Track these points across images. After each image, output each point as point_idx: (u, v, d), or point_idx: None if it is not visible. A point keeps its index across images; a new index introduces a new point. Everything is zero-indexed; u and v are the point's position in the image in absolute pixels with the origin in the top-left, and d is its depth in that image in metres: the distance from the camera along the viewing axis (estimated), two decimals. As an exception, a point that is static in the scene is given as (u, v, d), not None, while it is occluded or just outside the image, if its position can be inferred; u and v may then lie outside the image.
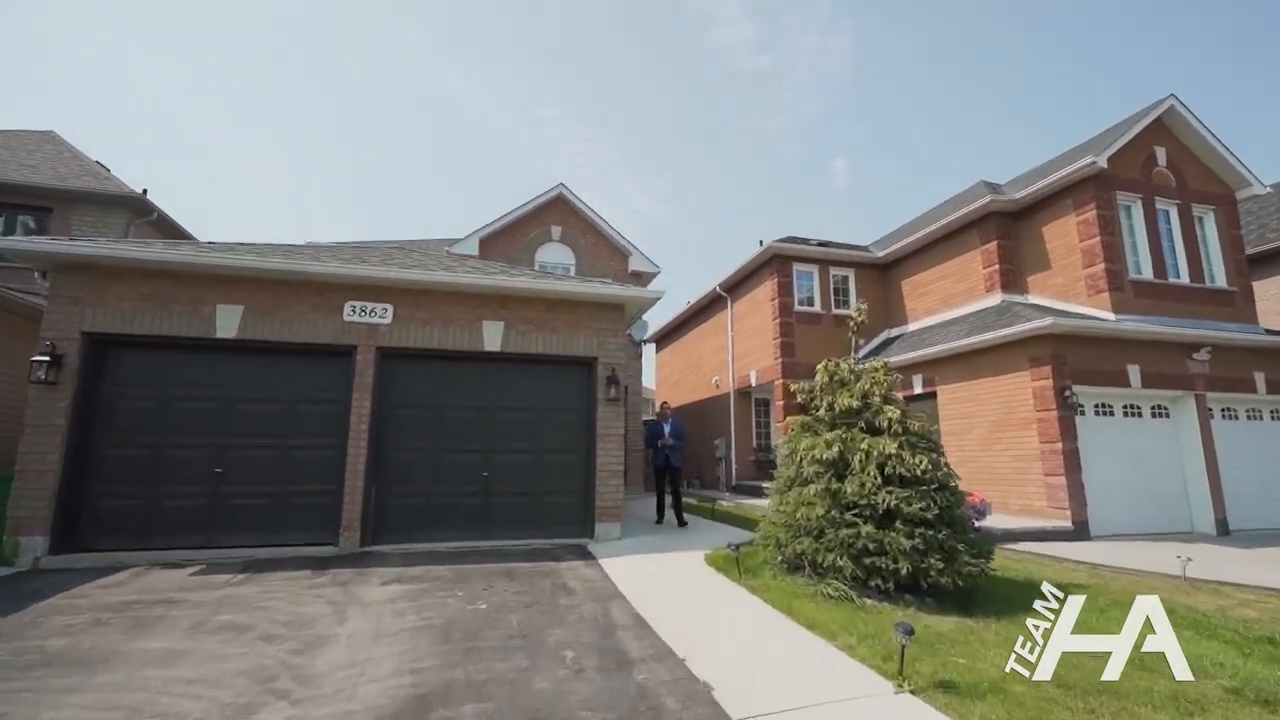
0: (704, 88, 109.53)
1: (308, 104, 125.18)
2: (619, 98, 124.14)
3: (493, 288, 7.31)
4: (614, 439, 7.57)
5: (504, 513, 7.32)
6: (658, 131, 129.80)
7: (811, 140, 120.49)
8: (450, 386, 7.39)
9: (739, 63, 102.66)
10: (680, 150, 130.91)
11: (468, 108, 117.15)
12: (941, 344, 10.75)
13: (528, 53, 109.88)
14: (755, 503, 12.33)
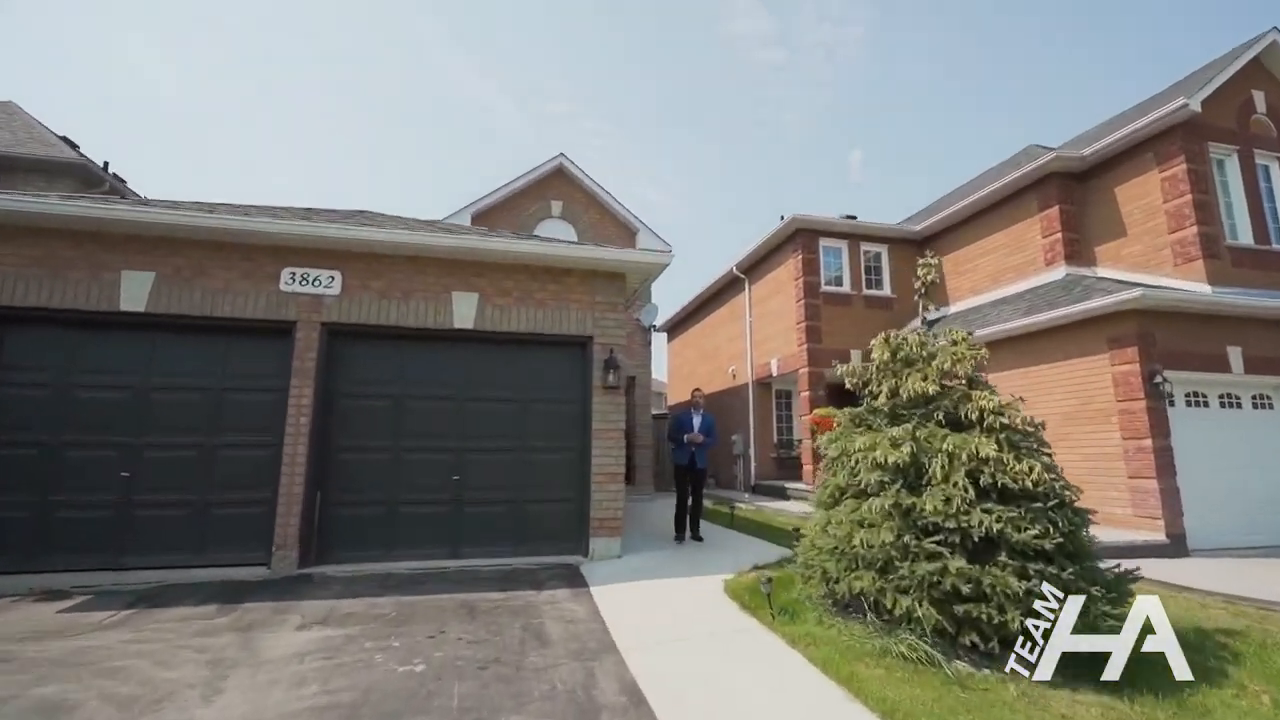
0: (718, 81, 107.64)
1: (309, 99, 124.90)
2: (631, 93, 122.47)
3: (463, 251, 5.99)
4: (613, 435, 6.24)
5: (479, 525, 6.03)
6: (670, 126, 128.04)
7: (827, 132, 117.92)
8: (414, 372, 6.10)
9: (754, 55, 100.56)
10: (693, 144, 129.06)
11: (473, 101, 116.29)
12: (996, 325, 9.26)
13: (538, 46, 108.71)
14: (779, 506, 10.94)
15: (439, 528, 5.94)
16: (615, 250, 6.34)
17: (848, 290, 12.46)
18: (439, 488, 5.97)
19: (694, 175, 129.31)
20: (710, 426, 7.11)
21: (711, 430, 7.11)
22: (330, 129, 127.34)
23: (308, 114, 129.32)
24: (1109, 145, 9.17)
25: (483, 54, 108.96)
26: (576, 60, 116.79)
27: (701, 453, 6.97)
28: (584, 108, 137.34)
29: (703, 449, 6.99)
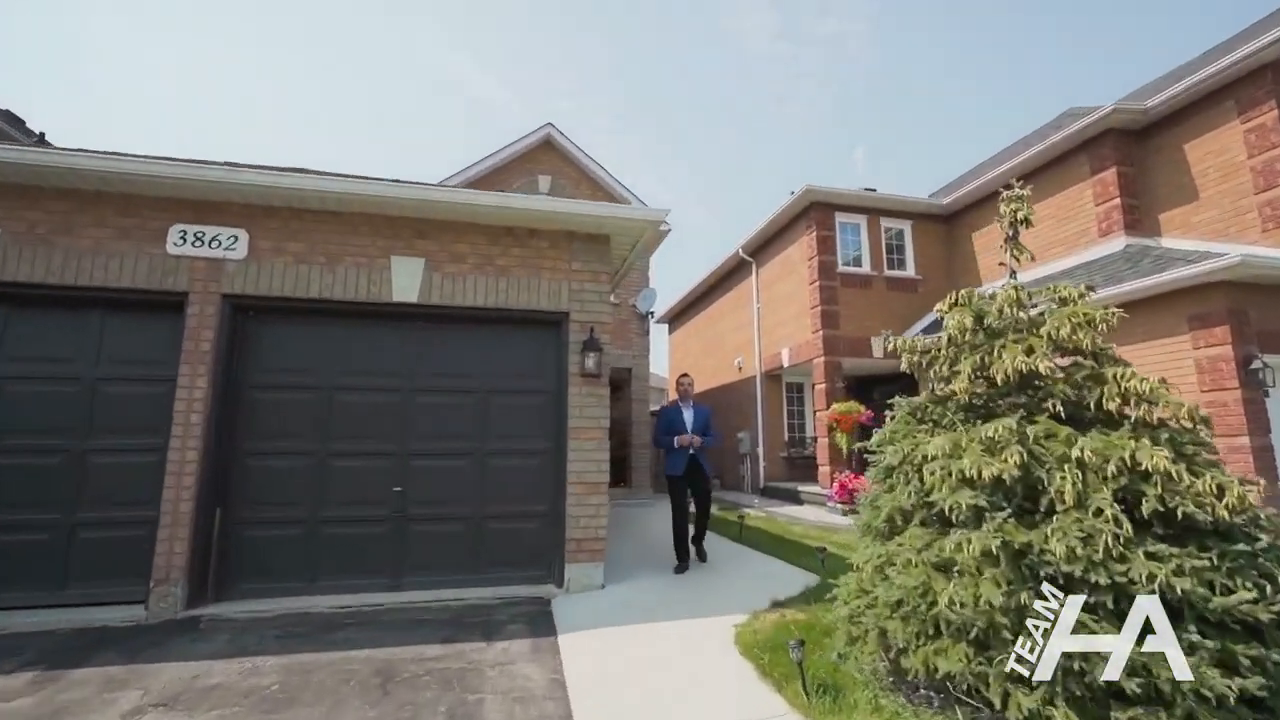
0: (722, 76, 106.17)
1: (307, 97, 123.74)
2: (635, 90, 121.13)
3: (403, 204, 4.75)
4: (594, 433, 5.01)
5: (427, 548, 4.82)
6: (675, 121, 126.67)
7: (830, 127, 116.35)
8: (346, 357, 4.89)
9: (757, 49, 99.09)
10: (697, 139, 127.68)
11: (478, 98, 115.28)
12: (1045, 305, 7.97)
13: (542, 40, 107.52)
14: (792, 513, 9.70)
15: (376, 551, 4.73)
16: (594, 205, 5.10)
17: (867, 271, 11.18)
18: (377, 501, 4.76)
19: (699, 173, 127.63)
20: (706, 422, 5.60)
21: (708, 425, 5.60)
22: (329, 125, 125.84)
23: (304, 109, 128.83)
24: (1177, 95, 7.87)
25: (481, 48, 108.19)
26: (578, 55, 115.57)
27: (702, 457, 5.54)
28: (587, 103, 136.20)
29: (702, 452, 5.54)
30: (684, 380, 5.83)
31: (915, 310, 11.22)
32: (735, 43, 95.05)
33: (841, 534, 7.93)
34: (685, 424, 5.52)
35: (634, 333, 12.26)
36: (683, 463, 5.43)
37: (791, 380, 13.33)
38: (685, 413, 5.60)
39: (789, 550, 6.66)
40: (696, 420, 5.58)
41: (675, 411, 5.65)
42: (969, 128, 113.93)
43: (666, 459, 5.58)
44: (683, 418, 5.56)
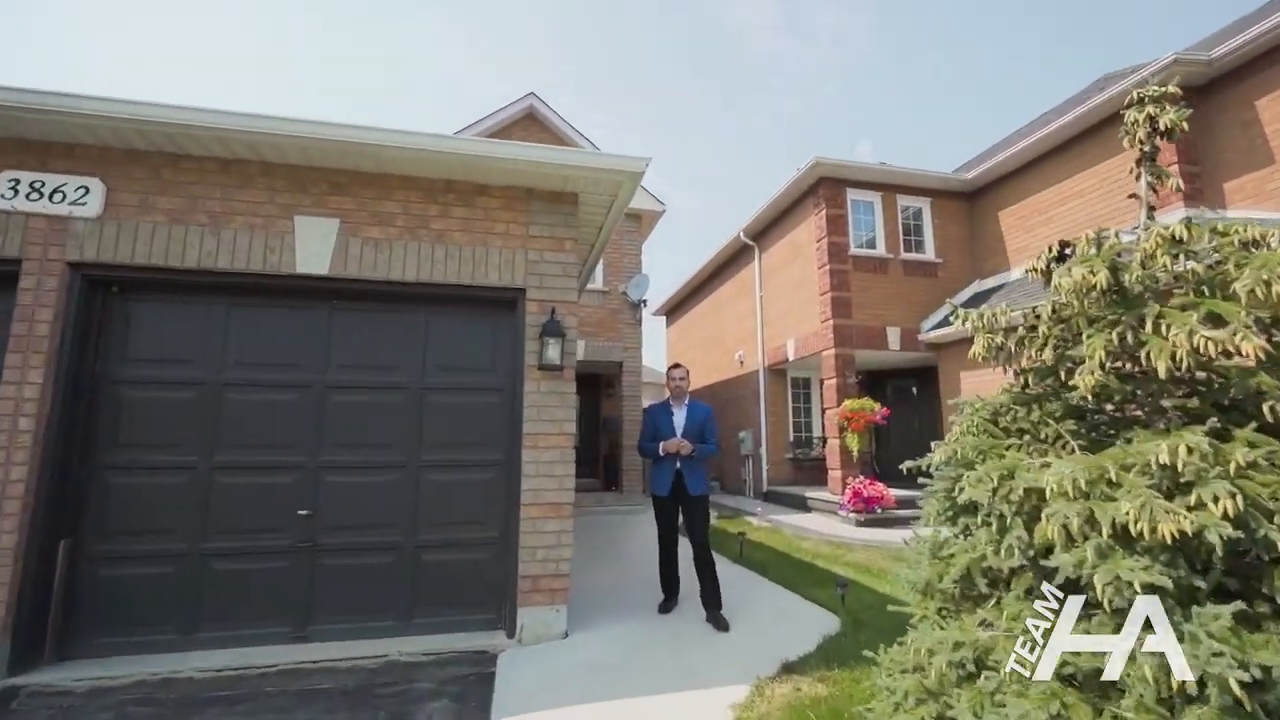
0: (723, 70, 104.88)
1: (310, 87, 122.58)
2: (634, 82, 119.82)
3: (313, 144, 3.66)
4: (556, 442, 3.98)
5: (342, 586, 3.79)
6: (673, 116, 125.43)
7: (834, 121, 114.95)
8: (238, 344, 3.85)
9: (759, 44, 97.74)
10: (698, 135, 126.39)
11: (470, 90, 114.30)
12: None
13: (539, 34, 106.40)
14: (800, 523, 8.66)
15: (277, 592, 3.70)
16: (557, 150, 4.01)
17: (882, 253, 10.11)
18: (278, 528, 3.74)
19: (698, 166, 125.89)
20: (703, 424, 4.31)
21: (706, 429, 4.30)
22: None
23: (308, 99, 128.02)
24: (1251, 41, 6.78)
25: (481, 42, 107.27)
26: (576, 49, 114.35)
27: (695, 472, 4.21)
28: (586, 99, 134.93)
29: (695, 465, 4.24)
30: (676, 373, 4.46)
31: (935, 296, 10.15)
32: (737, 39, 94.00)
33: (858, 551, 6.90)
34: (674, 427, 4.33)
35: (625, 323, 11.21)
36: (667, 478, 4.21)
37: (798, 375, 12.28)
38: (675, 413, 4.37)
39: (799, 575, 5.63)
40: (690, 422, 4.31)
41: (662, 412, 4.41)
42: (979, 124, 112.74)
43: (651, 471, 4.42)
44: (671, 420, 4.36)
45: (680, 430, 4.30)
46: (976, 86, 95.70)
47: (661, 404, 4.46)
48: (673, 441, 4.20)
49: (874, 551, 6.82)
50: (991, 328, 2.33)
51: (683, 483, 4.19)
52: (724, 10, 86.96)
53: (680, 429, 4.30)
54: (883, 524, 8.50)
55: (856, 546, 7.12)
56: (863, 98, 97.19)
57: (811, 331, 10.31)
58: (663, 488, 4.23)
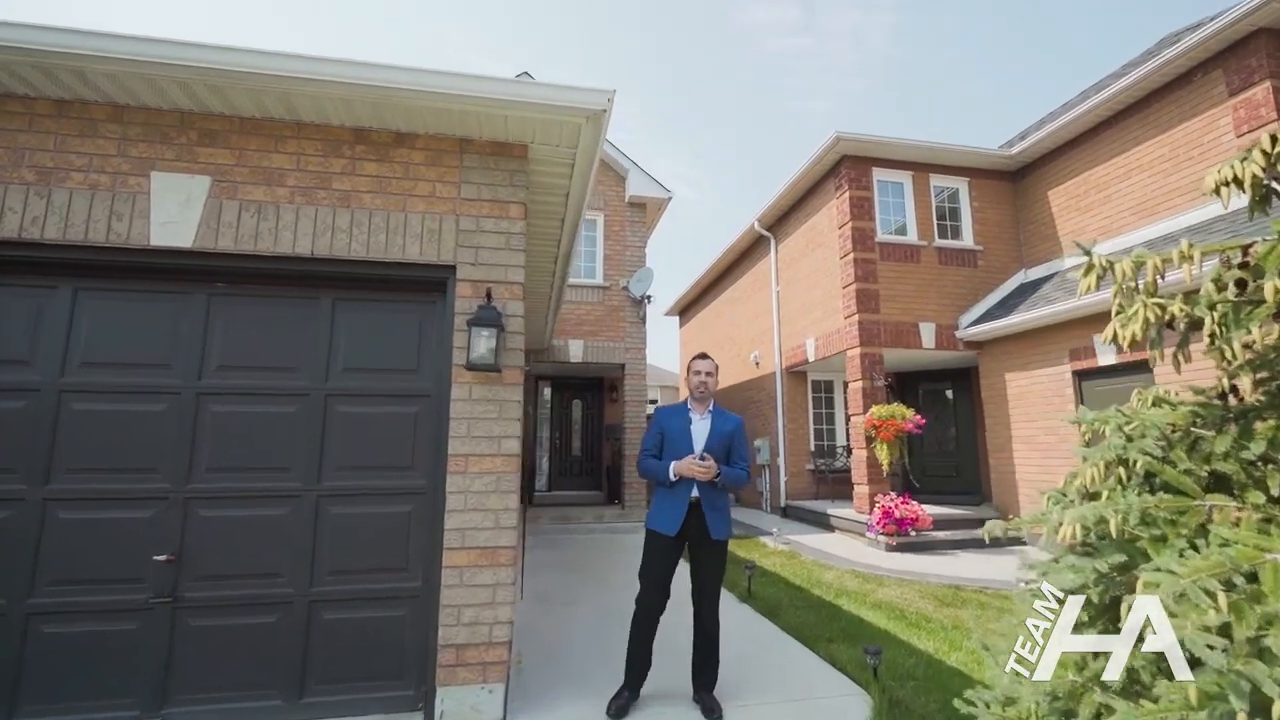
0: (740, 70, 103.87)
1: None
2: (650, 82, 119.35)
3: (169, 71, 2.77)
4: (491, 465, 3.04)
5: (212, 654, 2.90)
6: (690, 116, 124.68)
7: (858, 120, 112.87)
8: (82, 339, 2.99)
9: (777, 44, 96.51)
10: (715, 135, 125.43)
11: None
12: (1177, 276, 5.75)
13: (555, 38, 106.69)
14: (821, 545, 7.58)
15: (124, 662, 2.83)
16: (493, 82, 3.07)
17: (914, 240, 9.00)
18: (130, 576, 2.87)
19: (719, 171, 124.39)
20: (731, 439, 3.19)
21: (735, 447, 3.19)
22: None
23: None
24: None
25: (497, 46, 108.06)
26: (593, 51, 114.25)
27: (718, 506, 3.10)
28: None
29: (719, 496, 3.13)
30: (700, 365, 3.27)
31: (974, 288, 9.02)
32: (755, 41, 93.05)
33: (889, 586, 5.83)
34: (692, 440, 3.14)
35: (627, 321, 10.28)
36: (678, 511, 3.04)
37: (819, 377, 11.21)
38: (695, 421, 3.22)
39: (820, 622, 4.61)
40: (715, 436, 3.14)
41: (676, 417, 3.25)
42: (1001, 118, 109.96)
43: (654, 500, 3.24)
44: (689, 429, 3.19)
45: (701, 445, 3.10)
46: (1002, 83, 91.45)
47: (676, 407, 3.34)
48: (689, 462, 2.99)
49: (909, 587, 5.75)
50: (1153, 290, 1.29)
51: (702, 521, 3.05)
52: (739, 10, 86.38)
53: (701, 443, 3.12)
54: (917, 549, 7.40)
55: (888, 580, 6.05)
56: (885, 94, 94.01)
57: (834, 329, 9.24)
58: (668, 523, 3.06)
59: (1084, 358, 7.14)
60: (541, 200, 4.02)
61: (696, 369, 3.27)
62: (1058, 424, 7.50)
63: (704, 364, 3.29)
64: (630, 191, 10.54)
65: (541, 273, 5.61)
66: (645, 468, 3.21)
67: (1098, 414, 1.42)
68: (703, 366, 3.27)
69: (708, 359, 3.33)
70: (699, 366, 3.27)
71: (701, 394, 3.25)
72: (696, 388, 3.24)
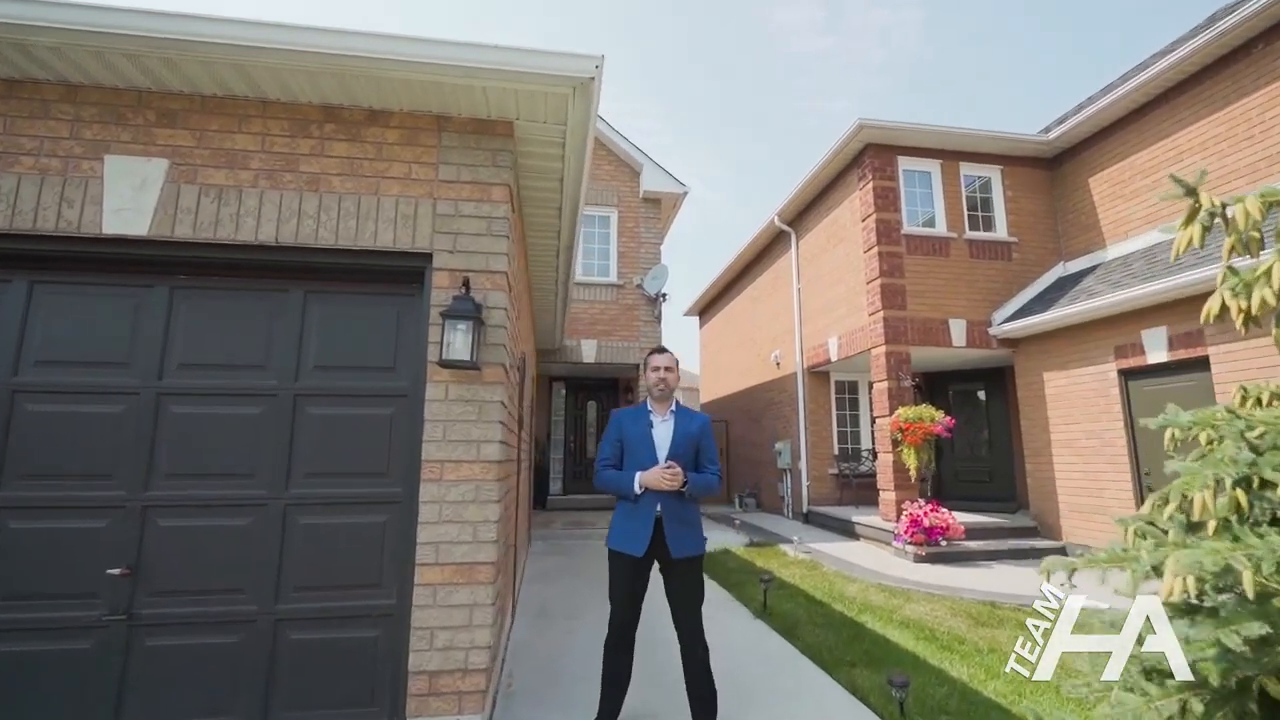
0: (765, 71, 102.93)
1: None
2: (679, 90, 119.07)
3: (107, 40, 2.55)
4: (469, 472, 2.77)
5: (170, 677, 2.67)
6: (720, 123, 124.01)
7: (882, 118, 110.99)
8: (37, 336, 2.80)
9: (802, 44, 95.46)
10: (737, 135, 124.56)
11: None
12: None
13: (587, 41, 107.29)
14: (844, 554, 7.17)
15: (75, 685, 2.61)
16: (461, 47, 2.78)
17: (943, 232, 8.53)
18: (83, 591, 2.65)
19: (748, 173, 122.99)
20: (698, 441, 2.90)
21: (703, 450, 2.90)
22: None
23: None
24: None
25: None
26: (623, 58, 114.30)
27: (685, 519, 2.78)
28: (636, 106, 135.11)
29: (686, 508, 2.80)
30: (658, 361, 2.97)
31: (1008, 282, 8.50)
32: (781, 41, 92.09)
33: (918, 601, 5.41)
34: (655, 446, 2.88)
35: (642, 320, 9.98)
36: (645, 526, 2.72)
37: (843, 378, 10.75)
38: (657, 424, 2.92)
39: (842, 643, 4.23)
40: (680, 439, 2.85)
41: (635, 420, 2.94)
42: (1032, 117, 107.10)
43: (615, 516, 2.91)
44: (649, 434, 2.90)
45: (665, 451, 2.84)
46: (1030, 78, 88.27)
47: (636, 409, 3.03)
48: (656, 473, 2.70)
49: (940, 603, 5.33)
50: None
51: (663, 536, 2.73)
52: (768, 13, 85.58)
53: (665, 449, 2.84)
54: (948, 559, 6.94)
55: (916, 594, 5.62)
56: (910, 92, 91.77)
57: (857, 327, 8.81)
58: (634, 541, 2.73)
59: (1131, 355, 6.61)
60: (536, 187, 3.75)
61: (655, 364, 2.98)
62: (1102, 427, 6.97)
63: (662, 358, 3.00)
64: (644, 187, 10.24)
65: (544, 267, 5.34)
66: (604, 480, 2.91)
67: (1198, 414, 1.07)
68: (661, 361, 2.98)
69: (666, 353, 3.05)
70: (657, 361, 2.99)
71: (662, 393, 2.94)
72: (656, 385, 2.95)
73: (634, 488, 2.75)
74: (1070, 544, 7.36)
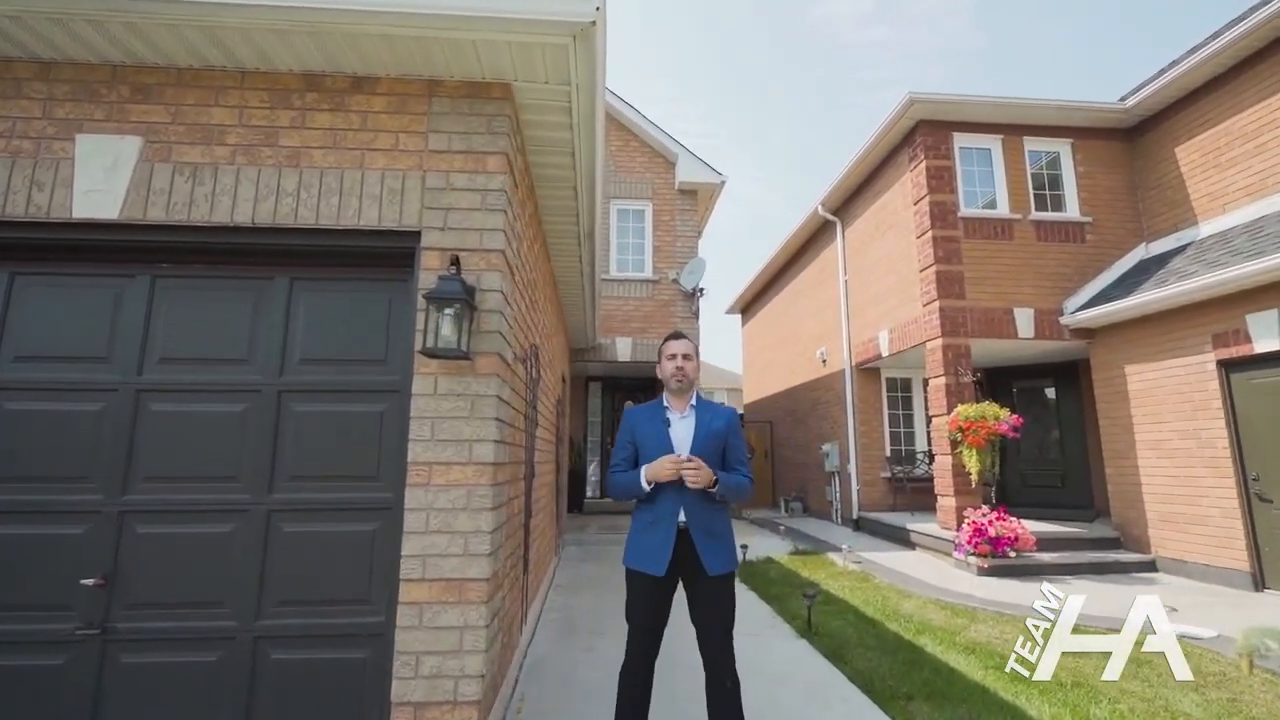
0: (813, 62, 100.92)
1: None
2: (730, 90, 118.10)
3: (67, 11, 2.39)
4: (460, 476, 2.45)
5: (147, 698, 2.45)
6: (757, 115, 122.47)
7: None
8: (16, 331, 2.64)
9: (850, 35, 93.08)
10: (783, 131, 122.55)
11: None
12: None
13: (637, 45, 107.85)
14: (899, 564, 6.58)
15: (47, 707, 2.43)
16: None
17: (1005, 214, 7.81)
18: (56, 604, 2.47)
19: (795, 171, 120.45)
20: (725, 438, 2.50)
21: (731, 449, 2.52)
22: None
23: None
24: None
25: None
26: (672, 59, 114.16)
27: (714, 526, 2.38)
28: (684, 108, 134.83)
29: (714, 511, 2.42)
30: (675, 348, 2.57)
31: (1082, 266, 7.71)
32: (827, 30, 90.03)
33: (983, 621, 4.83)
34: (671, 446, 2.47)
35: (679, 316, 9.59)
36: (665, 541, 2.35)
37: (895, 374, 10.07)
38: (674, 420, 2.53)
39: (895, 669, 3.74)
40: (703, 435, 2.46)
41: (649, 417, 2.56)
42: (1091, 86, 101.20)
43: (632, 527, 2.56)
44: (666, 433, 2.50)
45: (687, 451, 2.43)
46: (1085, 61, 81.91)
47: (650, 406, 2.64)
48: (666, 462, 2.33)
49: (1009, 624, 4.73)
50: None
51: (692, 549, 2.34)
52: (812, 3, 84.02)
53: (685, 451, 2.43)
54: (1017, 573, 6.27)
55: (982, 613, 5.03)
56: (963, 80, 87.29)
57: (910, 319, 8.16)
58: (653, 559, 2.35)
59: (1233, 343, 5.79)
60: (548, 164, 3.44)
61: (670, 351, 2.58)
62: (1197, 426, 6.15)
63: (678, 344, 2.60)
64: (680, 178, 9.85)
65: (566, 257, 5.03)
66: (615, 483, 2.54)
67: None
68: (677, 348, 2.58)
69: (683, 338, 2.65)
70: (673, 348, 2.59)
71: (680, 385, 2.55)
72: (672, 376, 2.56)
73: (642, 484, 2.38)
74: (1160, 557, 6.55)
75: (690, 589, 2.43)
